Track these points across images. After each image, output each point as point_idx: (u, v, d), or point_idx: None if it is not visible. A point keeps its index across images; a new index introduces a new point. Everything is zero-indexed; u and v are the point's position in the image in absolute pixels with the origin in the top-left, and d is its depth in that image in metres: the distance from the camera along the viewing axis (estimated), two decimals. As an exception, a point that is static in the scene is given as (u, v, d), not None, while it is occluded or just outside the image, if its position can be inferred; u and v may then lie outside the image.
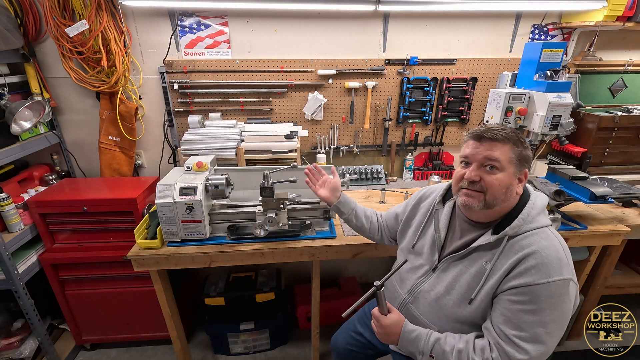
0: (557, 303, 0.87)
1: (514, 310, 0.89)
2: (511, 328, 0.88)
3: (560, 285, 0.86)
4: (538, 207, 0.96)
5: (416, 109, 2.22)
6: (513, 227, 0.93)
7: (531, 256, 0.89)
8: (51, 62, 1.91)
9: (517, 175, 0.95)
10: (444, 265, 1.06)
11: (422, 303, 1.09)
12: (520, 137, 0.95)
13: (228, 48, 1.99)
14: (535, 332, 0.86)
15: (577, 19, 2.01)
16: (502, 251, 0.94)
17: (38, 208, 1.73)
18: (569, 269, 0.89)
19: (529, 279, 0.87)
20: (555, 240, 0.92)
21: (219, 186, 1.50)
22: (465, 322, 1.01)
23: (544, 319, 0.86)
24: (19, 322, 1.92)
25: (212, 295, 1.97)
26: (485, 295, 0.95)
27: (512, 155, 0.93)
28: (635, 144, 2.12)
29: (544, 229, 0.94)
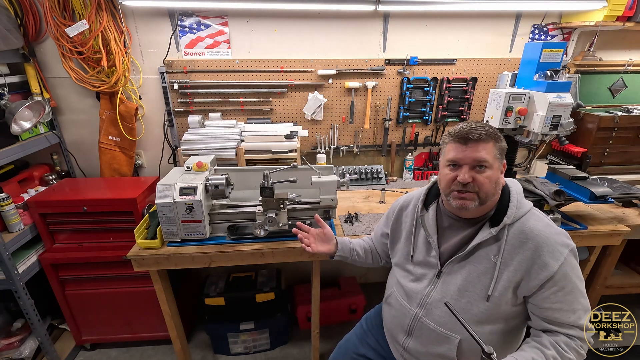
0: (577, 269, 0.95)
1: (560, 298, 0.93)
2: (567, 315, 0.93)
3: (571, 255, 0.94)
4: (519, 192, 1.02)
5: (416, 109, 2.21)
6: (509, 216, 0.97)
7: (539, 244, 0.93)
8: (51, 62, 1.91)
9: (499, 168, 1.00)
10: (448, 269, 1.04)
11: (436, 313, 1.05)
12: (496, 132, 1.00)
13: (228, 48, 1.99)
14: (582, 303, 0.95)
15: (577, 19, 2.01)
16: (506, 241, 0.97)
17: (38, 208, 1.73)
18: (566, 236, 0.96)
19: (552, 265, 0.91)
20: (544, 218, 1.00)
21: (219, 186, 1.50)
22: (484, 321, 1.00)
23: (579, 288, 0.95)
24: (19, 322, 1.92)
25: (212, 295, 1.97)
26: (504, 289, 0.96)
27: (495, 152, 0.98)
28: (635, 144, 2.12)
29: (531, 210, 1.00)
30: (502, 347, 1.02)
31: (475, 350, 0.96)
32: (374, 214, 1.84)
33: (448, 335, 1.02)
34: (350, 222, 1.75)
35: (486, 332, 1.00)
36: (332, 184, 1.55)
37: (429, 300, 1.06)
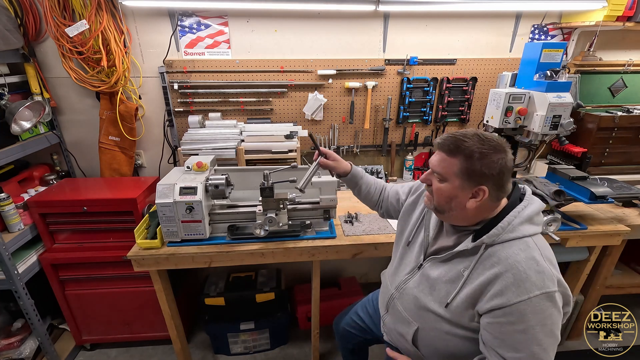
0: (545, 317, 0.84)
1: (505, 331, 0.86)
2: (508, 350, 0.86)
3: (543, 299, 0.84)
4: (524, 216, 0.92)
5: (416, 109, 2.21)
6: (490, 236, 0.90)
7: (508, 272, 0.86)
8: (51, 62, 1.91)
9: (465, 189, 0.91)
10: (427, 265, 1.07)
11: (405, 299, 1.11)
12: (475, 152, 0.88)
13: (228, 48, 1.99)
14: (532, 350, 0.84)
15: (577, 19, 2.01)
16: (478, 260, 0.92)
17: (38, 208, 1.73)
18: (551, 280, 0.85)
19: (510, 297, 0.84)
20: (536, 251, 0.88)
21: (219, 186, 1.50)
22: (443, 322, 1.01)
23: (536, 336, 0.84)
24: (19, 322, 1.92)
25: (212, 295, 1.97)
26: (461, 302, 0.94)
27: (456, 170, 0.90)
28: (635, 144, 2.12)
29: (524, 239, 0.90)
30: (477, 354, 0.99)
31: (429, 341, 1.06)
32: (374, 214, 1.84)
33: (409, 320, 1.09)
34: (350, 222, 1.75)
35: (446, 331, 1.01)
36: (332, 184, 1.55)
37: (405, 286, 1.12)
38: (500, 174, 0.88)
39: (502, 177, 0.89)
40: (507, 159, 0.89)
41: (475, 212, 0.94)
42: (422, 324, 1.06)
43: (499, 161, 0.88)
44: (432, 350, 1.07)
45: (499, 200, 0.94)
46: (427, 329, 1.05)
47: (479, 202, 0.91)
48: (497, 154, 0.88)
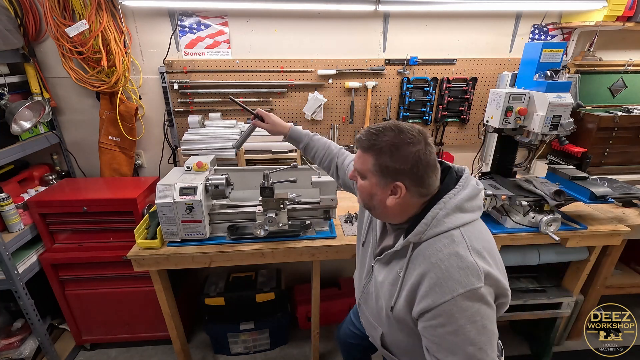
0: (473, 315, 0.79)
1: (438, 334, 0.82)
2: (445, 354, 0.82)
3: (468, 297, 0.78)
4: (451, 206, 0.84)
5: (416, 109, 2.21)
6: (416, 234, 0.85)
7: (431, 272, 0.81)
8: (51, 62, 1.91)
9: (382, 186, 0.86)
10: (376, 267, 1.03)
11: (369, 304, 1.08)
12: (386, 146, 0.83)
13: (228, 48, 1.99)
14: (467, 351, 0.79)
15: (577, 19, 2.01)
16: (409, 260, 0.88)
17: (38, 208, 1.73)
18: (476, 275, 0.79)
19: (434, 299, 0.80)
20: (461, 245, 0.82)
21: (219, 186, 1.50)
22: (394, 325, 0.98)
23: (468, 336, 0.79)
24: (19, 322, 1.92)
25: (212, 295, 1.97)
26: (402, 307, 0.90)
27: (370, 167, 0.86)
28: (635, 144, 2.12)
29: (451, 232, 0.83)
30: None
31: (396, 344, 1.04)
32: (374, 214, 1.84)
33: (375, 325, 1.07)
34: (350, 222, 1.75)
35: (405, 334, 0.98)
36: (332, 183, 1.55)
37: (367, 290, 1.09)
38: (414, 168, 0.82)
39: (419, 172, 0.82)
40: (423, 151, 0.82)
41: (399, 210, 0.89)
42: (385, 328, 1.03)
43: (412, 155, 0.81)
44: (403, 352, 1.05)
45: (423, 196, 0.87)
46: (389, 332, 1.03)
47: (398, 199, 0.86)
48: (410, 147, 0.82)
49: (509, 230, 1.65)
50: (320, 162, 1.34)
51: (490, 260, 0.84)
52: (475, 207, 0.89)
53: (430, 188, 0.87)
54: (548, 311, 1.90)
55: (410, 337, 0.97)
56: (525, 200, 1.57)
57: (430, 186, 0.86)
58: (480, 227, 0.90)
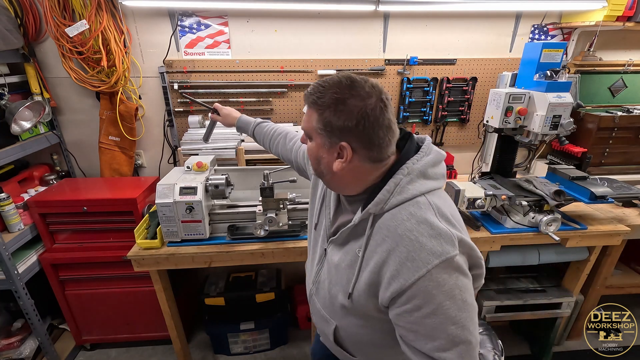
0: (451, 288, 0.70)
1: (415, 320, 0.72)
2: (425, 341, 0.72)
3: (445, 268, 0.69)
4: (415, 172, 0.75)
5: (416, 109, 2.21)
6: (376, 203, 0.75)
7: (400, 245, 0.71)
8: (51, 62, 1.91)
9: (327, 147, 0.76)
10: (330, 249, 0.91)
11: (321, 294, 0.96)
12: (330, 100, 0.72)
13: (228, 48, 1.99)
14: (449, 332, 0.70)
15: (577, 19, 2.01)
16: (370, 235, 0.77)
17: (38, 208, 1.73)
18: (450, 242, 0.71)
19: (407, 277, 0.70)
20: (429, 211, 0.73)
21: (219, 186, 1.50)
22: (350, 314, 0.88)
23: (449, 314, 0.70)
24: (19, 322, 1.93)
25: (212, 295, 1.97)
26: (363, 292, 0.79)
27: (315, 124, 0.76)
28: (635, 144, 2.12)
29: (416, 199, 0.74)
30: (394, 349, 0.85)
31: (351, 339, 0.94)
32: (374, 214, 1.84)
33: (327, 318, 0.95)
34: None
35: (361, 325, 0.88)
36: (332, 184, 1.55)
37: (318, 279, 0.97)
38: (360, 125, 0.71)
39: (365, 130, 0.71)
40: (372, 107, 0.71)
41: (351, 177, 0.79)
42: (339, 321, 0.92)
43: (358, 110, 0.70)
44: (358, 348, 0.95)
45: (375, 161, 0.76)
46: (344, 326, 0.91)
47: (344, 164, 0.75)
48: (356, 101, 0.71)
49: (509, 230, 1.65)
50: (270, 147, 1.35)
51: (460, 227, 0.76)
52: (439, 174, 0.80)
53: (382, 152, 0.75)
54: (548, 311, 1.90)
55: (368, 329, 0.87)
56: (525, 200, 1.57)
57: (383, 150, 0.75)
58: (444, 195, 0.82)
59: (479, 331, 1.52)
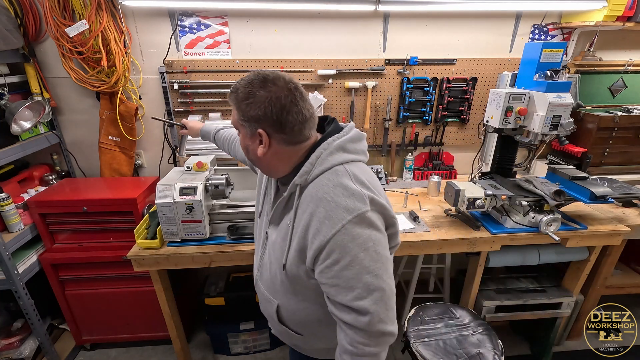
0: (364, 241, 0.78)
1: (335, 274, 0.79)
2: (345, 294, 0.80)
3: (357, 223, 0.78)
4: (334, 146, 0.84)
5: (416, 109, 2.21)
6: (301, 175, 0.84)
7: (319, 207, 0.80)
8: (51, 62, 1.91)
9: (250, 136, 0.85)
10: (270, 231, 0.98)
11: (264, 277, 1.02)
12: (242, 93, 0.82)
13: (228, 48, 1.99)
14: (364, 281, 0.78)
15: (577, 19, 2.01)
16: (297, 206, 0.85)
17: (38, 208, 1.73)
18: (361, 200, 0.79)
19: (325, 233, 0.78)
20: (345, 177, 0.82)
21: (219, 186, 1.50)
22: (292, 292, 0.95)
23: (364, 264, 0.78)
24: (19, 322, 1.93)
25: (212, 295, 1.97)
26: (294, 259, 0.87)
27: (237, 118, 0.85)
28: (635, 144, 2.12)
29: (334, 168, 0.83)
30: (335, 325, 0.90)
31: (291, 316, 1.00)
32: (374, 214, 1.84)
33: (270, 299, 1.02)
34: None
35: (295, 301, 0.96)
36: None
37: (261, 263, 1.04)
38: (269, 112, 0.80)
39: (273, 116, 0.80)
40: (277, 95, 0.80)
41: (277, 161, 0.88)
42: (280, 299, 0.99)
43: (265, 99, 0.79)
44: (302, 325, 1.01)
45: (293, 143, 0.85)
46: (285, 304, 0.98)
47: (266, 149, 0.84)
48: (263, 92, 0.80)
49: (509, 230, 1.65)
50: (229, 151, 1.43)
51: (374, 190, 0.84)
52: (359, 150, 0.90)
53: (297, 135, 0.84)
54: (548, 311, 1.91)
55: (307, 303, 0.95)
56: (525, 200, 1.57)
57: (296, 133, 0.83)
58: (365, 168, 0.91)
59: (478, 331, 1.53)
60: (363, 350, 0.81)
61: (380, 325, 0.80)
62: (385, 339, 0.82)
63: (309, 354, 1.09)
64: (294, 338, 1.04)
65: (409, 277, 2.18)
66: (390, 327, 0.82)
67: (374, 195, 0.81)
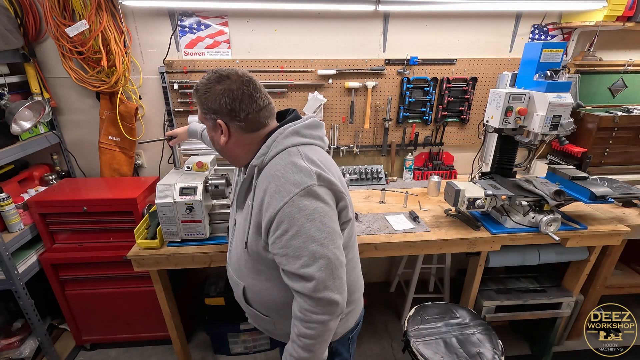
0: (311, 212, 0.84)
1: (284, 244, 0.85)
2: (293, 262, 0.85)
3: (304, 195, 0.84)
4: (288, 131, 0.92)
5: (416, 109, 2.21)
6: (258, 157, 0.91)
7: (271, 183, 0.86)
8: (51, 62, 1.91)
9: (212, 128, 0.94)
10: (237, 216, 1.04)
11: (233, 260, 1.07)
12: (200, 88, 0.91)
13: (228, 48, 1.99)
14: (309, 250, 0.83)
15: (577, 19, 2.01)
16: (255, 186, 0.92)
17: (38, 208, 1.73)
18: (309, 175, 0.85)
19: (275, 205, 0.84)
20: (296, 156, 0.88)
21: (219, 186, 1.50)
22: (256, 272, 0.99)
23: (309, 234, 0.83)
24: (19, 322, 1.93)
25: (212, 295, 1.97)
26: (253, 234, 0.93)
27: (200, 113, 0.94)
28: (635, 144, 2.12)
29: (288, 149, 0.90)
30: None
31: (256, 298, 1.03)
32: (374, 214, 1.84)
33: (237, 281, 1.06)
34: (350, 222, 1.74)
35: (258, 281, 0.99)
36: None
37: (230, 248, 1.09)
38: (223, 103, 0.88)
39: (227, 106, 0.88)
40: (229, 87, 0.88)
41: (239, 149, 0.96)
42: (245, 280, 1.03)
43: (219, 92, 0.88)
44: (266, 306, 1.04)
45: (250, 130, 0.92)
46: (250, 284, 1.02)
47: (226, 138, 0.93)
48: (217, 85, 0.89)
49: (509, 230, 1.65)
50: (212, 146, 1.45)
51: (324, 168, 0.89)
52: (315, 135, 0.96)
53: (252, 122, 0.91)
54: (548, 311, 1.91)
55: (270, 282, 0.98)
56: (525, 200, 1.57)
57: (251, 120, 0.91)
58: (320, 151, 0.96)
59: (478, 330, 1.53)
60: (310, 317, 0.86)
61: (325, 293, 0.84)
62: (331, 307, 0.86)
63: (283, 339, 1.10)
64: (263, 321, 1.08)
65: (409, 277, 2.18)
66: (336, 295, 0.86)
67: (321, 172, 0.87)
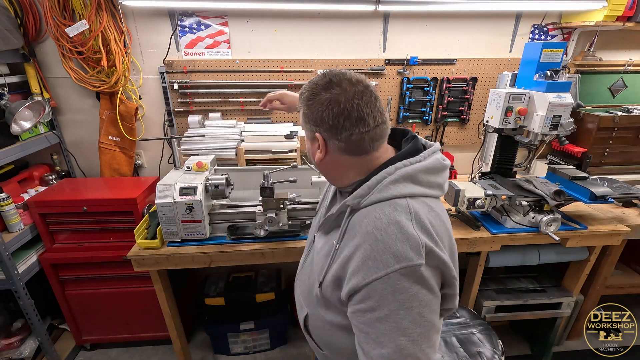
0: (408, 299, 0.66)
1: (367, 321, 0.69)
2: (373, 346, 0.69)
3: (405, 275, 0.65)
4: (402, 173, 0.72)
5: (416, 109, 2.21)
6: (355, 197, 0.73)
7: (365, 243, 0.69)
8: (51, 62, 1.91)
9: (309, 138, 0.81)
10: (317, 236, 0.91)
11: (301, 280, 0.97)
12: (306, 92, 0.77)
13: (228, 48, 1.99)
14: (397, 343, 0.66)
15: (577, 19, 2.01)
16: (346, 228, 0.76)
17: (38, 208, 1.73)
18: (416, 250, 0.66)
19: (365, 274, 0.68)
20: (404, 214, 0.69)
21: (219, 186, 1.50)
22: (321, 304, 0.86)
23: (400, 324, 0.66)
24: (19, 322, 1.92)
25: (212, 295, 1.97)
26: (330, 282, 0.78)
27: (301, 119, 0.80)
28: (635, 144, 2.12)
29: (395, 200, 0.71)
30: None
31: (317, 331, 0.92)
32: (374, 214, 1.84)
33: (302, 305, 0.95)
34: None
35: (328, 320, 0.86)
36: (332, 184, 1.55)
37: (303, 265, 0.99)
38: (325, 114, 0.72)
39: (329, 119, 0.72)
40: (337, 98, 0.71)
41: (333, 169, 0.81)
42: (310, 310, 0.90)
43: (325, 100, 0.72)
44: (323, 342, 0.92)
45: (351, 153, 0.76)
46: (314, 315, 0.90)
47: (322, 154, 0.78)
48: (326, 93, 0.73)
49: (509, 230, 1.65)
50: None
51: (438, 240, 0.70)
52: (434, 183, 0.76)
53: (356, 144, 0.74)
54: (548, 311, 1.91)
55: (334, 326, 0.85)
56: (525, 200, 1.57)
57: (354, 142, 0.74)
58: (435, 206, 0.75)
59: (478, 330, 1.52)
60: None
61: None
62: None
63: None
64: (316, 350, 0.97)
65: (409, 277, 2.18)
66: None
67: (433, 247, 0.68)
